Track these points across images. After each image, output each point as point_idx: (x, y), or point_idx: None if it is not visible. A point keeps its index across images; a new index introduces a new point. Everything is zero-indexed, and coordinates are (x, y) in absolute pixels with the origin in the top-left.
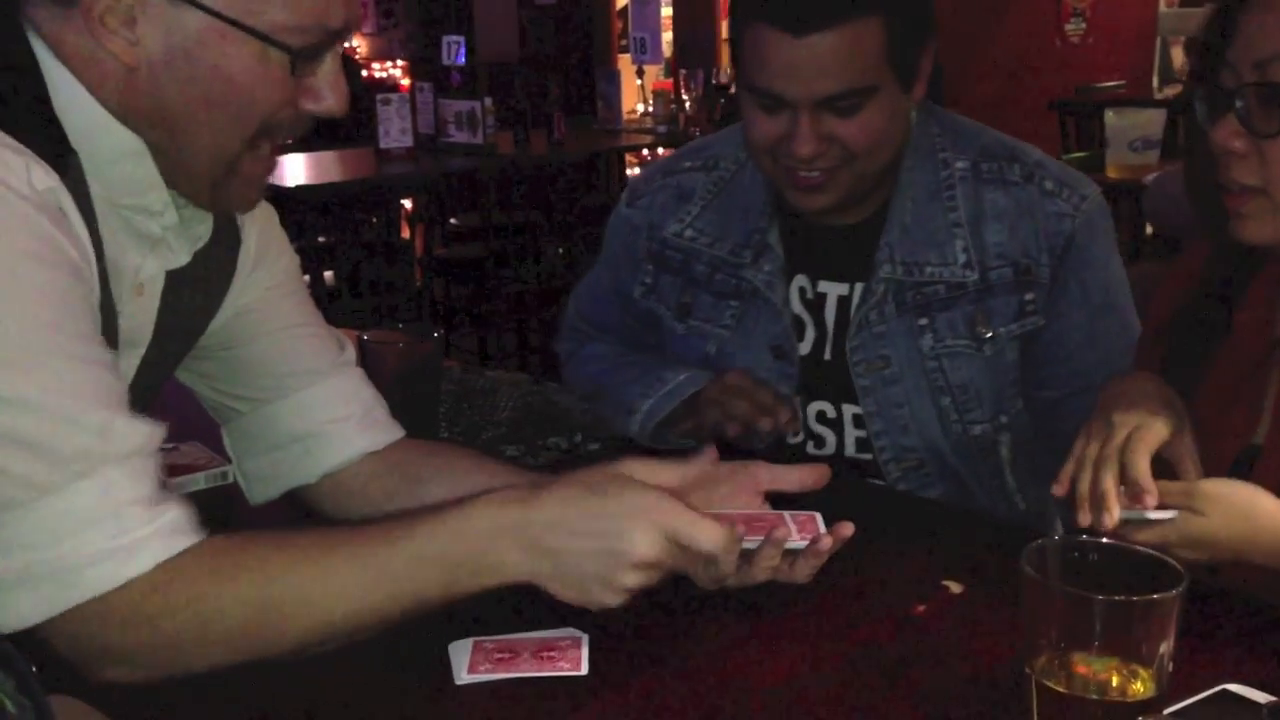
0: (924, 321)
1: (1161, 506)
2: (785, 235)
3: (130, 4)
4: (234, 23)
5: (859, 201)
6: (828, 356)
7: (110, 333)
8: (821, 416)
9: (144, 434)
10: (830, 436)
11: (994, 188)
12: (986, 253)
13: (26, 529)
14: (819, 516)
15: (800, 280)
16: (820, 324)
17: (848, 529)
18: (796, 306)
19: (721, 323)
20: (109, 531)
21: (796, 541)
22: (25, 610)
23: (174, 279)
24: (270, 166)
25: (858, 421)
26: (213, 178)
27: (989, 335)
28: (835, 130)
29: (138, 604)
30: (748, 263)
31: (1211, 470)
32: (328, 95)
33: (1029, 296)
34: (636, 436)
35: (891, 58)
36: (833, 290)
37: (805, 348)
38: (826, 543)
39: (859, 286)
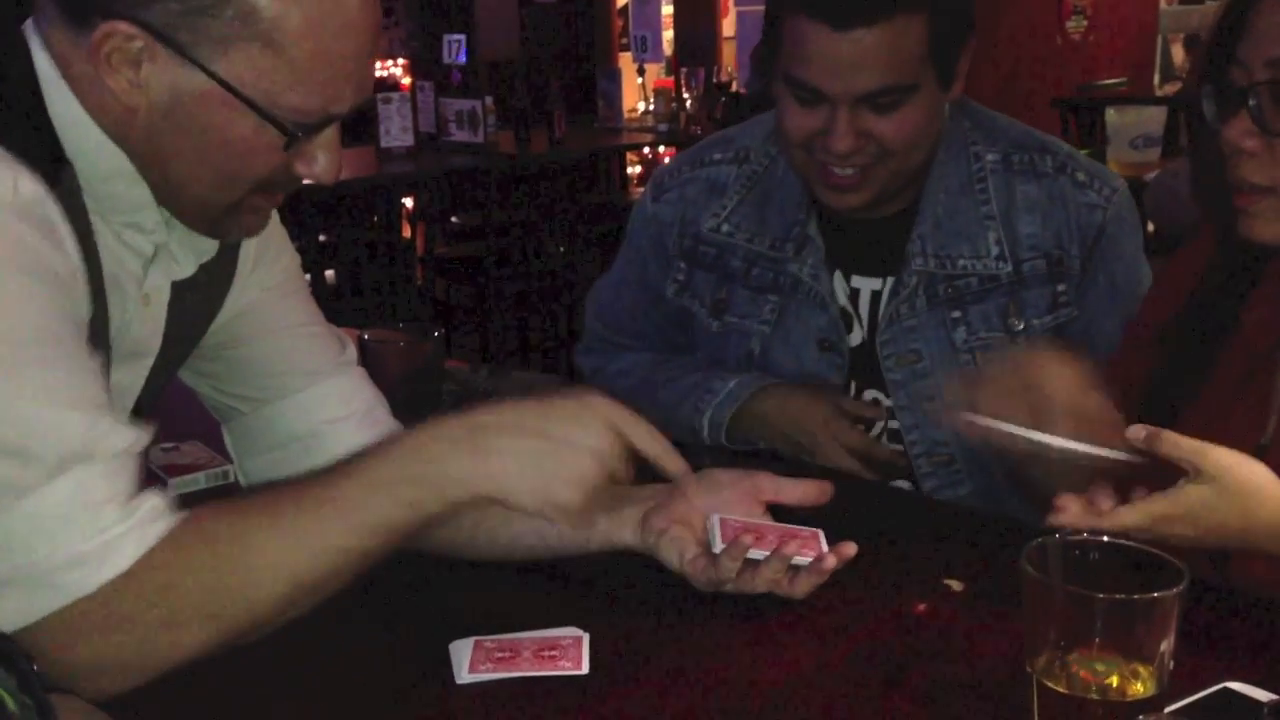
0: (957, 314)
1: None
2: (824, 228)
3: (139, 49)
4: (240, 96)
5: (891, 197)
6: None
7: (103, 343)
8: None
9: (128, 437)
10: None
11: (1026, 179)
12: (1019, 244)
13: (5, 532)
14: (821, 534)
15: (838, 274)
16: (856, 318)
17: (850, 549)
18: (842, 299)
19: (761, 319)
20: (85, 531)
21: (802, 557)
22: (7, 615)
23: (178, 287)
24: (273, 204)
25: (891, 414)
26: (209, 219)
27: (1022, 327)
28: (872, 127)
29: (114, 604)
30: (790, 256)
31: None
32: (320, 162)
33: (1061, 288)
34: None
35: (933, 55)
36: (865, 285)
37: (855, 340)
38: (831, 562)
39: (890, 280)
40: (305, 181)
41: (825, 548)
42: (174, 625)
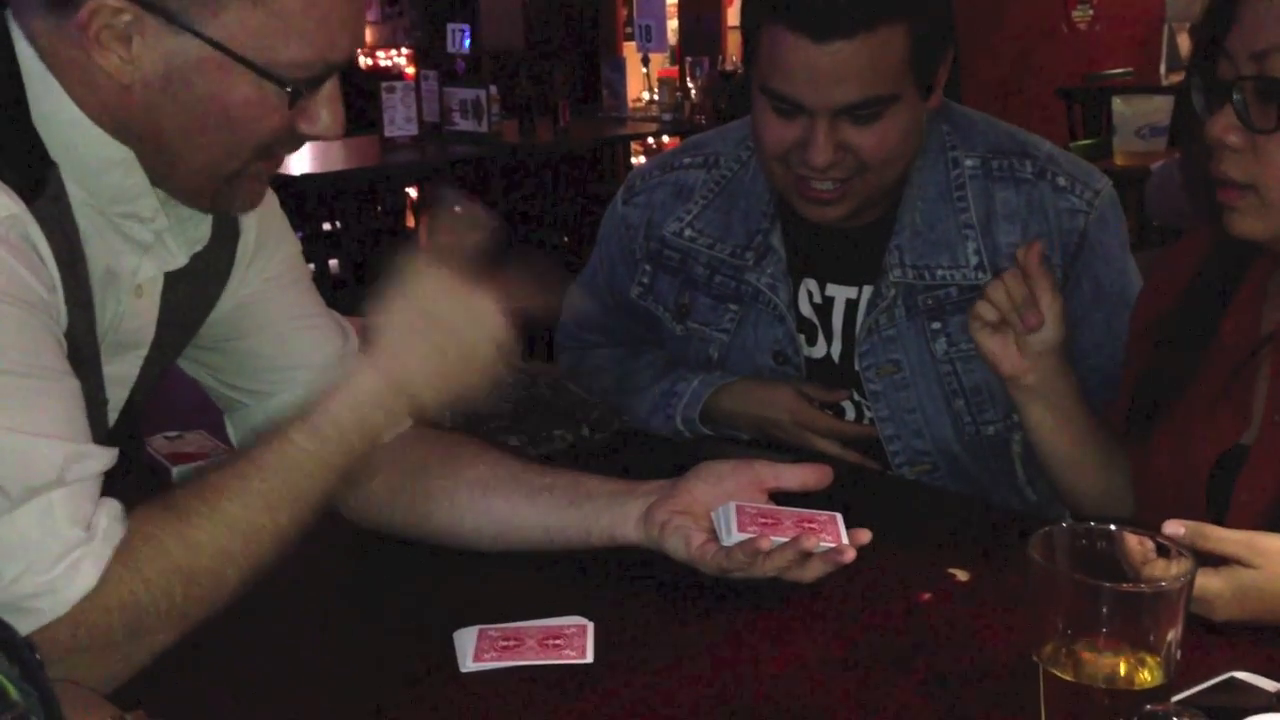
0: (937, 325)
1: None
2: (789, 237)
3: (127, 23)
4: (236, 57)
5: (869, 207)
6: (837, 361)
7: (90, 341)
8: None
9: (99, 462)
10: None
11: (1005, 185)
12: (999, 254)
13: None
14: (839, 517)
15: (809, 284)
16: (828, 328)
17: (864, 535)
18: (806, 309)
19: (720, 326)
20: (52, 557)
21: (822, 544)
22: None
23: (171, 277)
24: (273, 169)
25: (871, 423)
26: (210, 192)
27: None
28: (852, 139)
29: (82, 622)
30: (749, 265)
31: (1193, 472)
32: (324, 118)
33: None
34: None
35: (914, 66)
36: (840, 294)
37: (818, 352)
38: (850, 555)
39: (867, 290)
40: (309, 139)
41: (844, 531)
42: (140, 631)
